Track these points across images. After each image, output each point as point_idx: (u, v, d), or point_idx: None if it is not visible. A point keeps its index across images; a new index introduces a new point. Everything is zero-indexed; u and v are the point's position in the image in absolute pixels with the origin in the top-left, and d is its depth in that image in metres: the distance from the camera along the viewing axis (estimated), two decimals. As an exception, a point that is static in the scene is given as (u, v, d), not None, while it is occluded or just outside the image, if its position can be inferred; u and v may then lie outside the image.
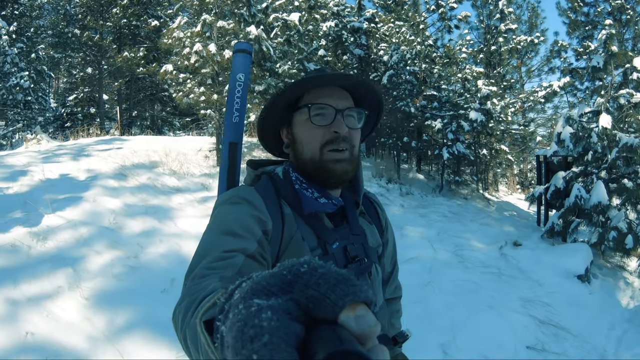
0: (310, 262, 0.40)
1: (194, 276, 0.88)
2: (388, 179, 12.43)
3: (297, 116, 1.21)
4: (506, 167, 19.66)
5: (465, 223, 9.17)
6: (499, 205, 13.72)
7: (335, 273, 0.39)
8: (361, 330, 0.36)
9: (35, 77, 19.98)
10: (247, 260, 0.95)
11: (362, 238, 1.26)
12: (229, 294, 0.44)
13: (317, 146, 1.15)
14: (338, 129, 1.13)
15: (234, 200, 1.13)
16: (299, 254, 1.09)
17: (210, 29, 10.24)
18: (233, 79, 1.52)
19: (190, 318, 0.66)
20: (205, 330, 0.52)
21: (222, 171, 1.47)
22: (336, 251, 1.18)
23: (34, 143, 12.61)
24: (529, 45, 19.76)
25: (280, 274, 0.40)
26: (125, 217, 6.13)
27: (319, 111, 1.15)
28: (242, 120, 1.52)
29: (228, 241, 0.98)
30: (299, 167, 1.21)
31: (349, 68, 16.47)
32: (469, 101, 13.77)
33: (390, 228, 1.49)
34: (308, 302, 0.37)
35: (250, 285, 0.40)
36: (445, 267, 5.86)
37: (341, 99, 1.18)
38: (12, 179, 7.04)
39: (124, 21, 21.10)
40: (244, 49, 1.56)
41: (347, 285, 0.38)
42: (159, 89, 23.35)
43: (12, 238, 5.01)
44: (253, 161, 1.34)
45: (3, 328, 3.63)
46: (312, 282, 0.38)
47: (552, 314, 4.91)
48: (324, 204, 1.17)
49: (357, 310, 0.37)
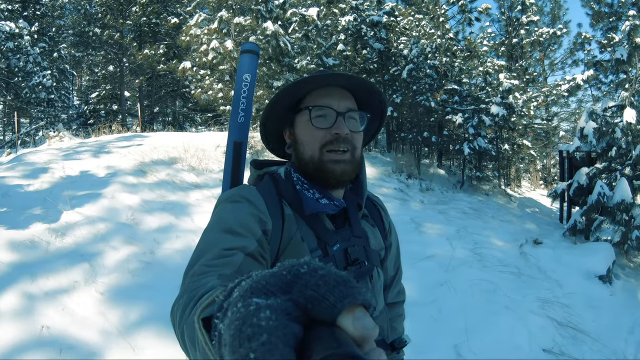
0: (310, 263, 0.40)
1: (192, 273, 0.88)
2: (408, 175, 12.33)
3: (298, 117, 1.21)
4: (529, 163, 19.42)
5: (486, 220, 9.03)
6: (521, 202, 13.52)
7: (335, 275, 0.39)
8: (359, 332, 0.36)
9: (58, 75, 20.31)
10: (246, 259, 0.94)
11: (364, 241, 1.25)
12: (228, 292, 0.44)
13: (317, 147, 1.15)
14: (338, 131, 1.13)
15: (234, 199, 1.13)
16: (298, 255, 1.09)
17: (227, 26, 10.25)
18: (239, 79, 1.52)
19: (189, 315, 0.66)
20: (203, 327, 0.51)
21: (226, 170, 1.48)
22: (336, 253, 1.17)
23: (56, 140, 12.77)
24: (552, 37, 19.40)
25: (280, 274, 0.39)
26: (143, 213, 6.15)
27: (319, 113, 1.15)
28: (247, 120, 1.52)
29: (228, 239, 0.98)
30: (300, 168, 1.21)
31: (369, 62, 16.38)
32: (491, 95, 13.59)
33: (394, 232, 1.47)
34: (307, 303, 0.37)
35: (250, 284, 0.39)
36: (463, 265, 5.72)
37: (343, 100, 1.17)
38: (33, 176, 7.14)
39: (144, 19, 21.38)
40: (250, 49, 1.55)
41: (347, 288, 0.38)
42: (180, 85, 23.58)
43: (31, 234, 5.07)
44: (257, 161, 1.34)
45: (20, 322, 3.67)
46: (312, 283, 0.38)
47: (571, 315, 4.75)
48: (325, 205, 1.17)
49: (355, 313, 0.37)
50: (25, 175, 7.16)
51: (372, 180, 10.76)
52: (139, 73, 23.04)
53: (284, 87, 1.17)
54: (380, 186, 10.36)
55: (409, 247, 6.27)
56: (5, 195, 6.08)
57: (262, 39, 10.51)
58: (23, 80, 18.92)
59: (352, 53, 16.22)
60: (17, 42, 18.14)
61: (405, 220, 7.79)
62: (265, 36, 10.35)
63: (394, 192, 10.16)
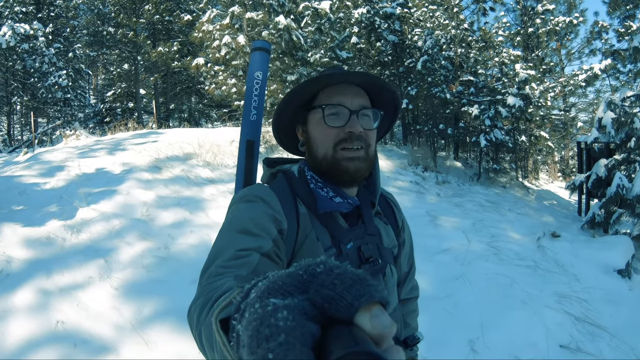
0: (326, 263, 0.40)
1: (209, 274, 0.89)
2: (424, 167, 12.25)
3: (311, 115, 1.20)
4: (546, 155, 19.20)
5: (503, 213, 8.93)
6: (538, 194, 13.37)
7: (351, 273, 0.39)
8: (376, 330, 0.36)
9: (74, 75, 20.53)
10: (262, 259, 0.94)
11: (377, 238, 1.25)
12: (245, 293, 0.43)
13: (330, 145, 1.15)
14: (352, 129, 1.13)
15: (249, 199, 1.13)
16: (314, 254, 1.10)
17: (239, 21, 10.24)
18: (250, 76, 1.52)
19: (206, 317, 0.66)
20: (221, 329, 0.51)
21: (239, 169, 1.48)
22: (350, 251, 1.17)
23: (73, 139, 12.90)
24: (568, 26, 19.11)
25: (296, 273, 0.39)
26: (158, 209, 6.18)
27: (332, 111, 1.14)
28: (259, 118, 1.51)
29: (243, 240, 0.98)
30: (314, 166, 1.21)
31: (383, 55, 16.28)
32: (507, 86, 13.44)
33: (407, 228, 1.47)
34: (324, 302, 0.37)
35: (267, 284, 0.39)
36: (479, 259, 5.63)
37: (356, 98, 1.16)
38: (49, 174, 7.24)
39: (157, 17, 21.52)
40: (262, 46, 1.54)
41: (363, 286, 0.37)
42: (194, 81, 23.74)
43: (47, 231, 5.14)
44: (269, 159, 1.33)
45: (35, 317, 3.73)
46: (328, 282, 0.37)
47: (589, 311, 4.61)
48: (339, 204, 1.16)
49: (372, 311, 0.36)
50: (41, 173, 7.26)
51: (388, 174, 10.70)
52: (153, 70, 23.22)
53: (296, 85, 1.16)
54: (395, 179, 10.30)
55: (424, 240, 6.22)
56: (22, 194, 6.16)
57: (274, 33, 10.49)
58: (39, 81, 19.20)
59: (366, 45, 16.14)
60: (32, 44, 18.38)
61: (421, 213, 7.74)
62: (277, 30, 10.33)
63: (409, 185, 10.09)
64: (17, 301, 3.89)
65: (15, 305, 3.84)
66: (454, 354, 3.73)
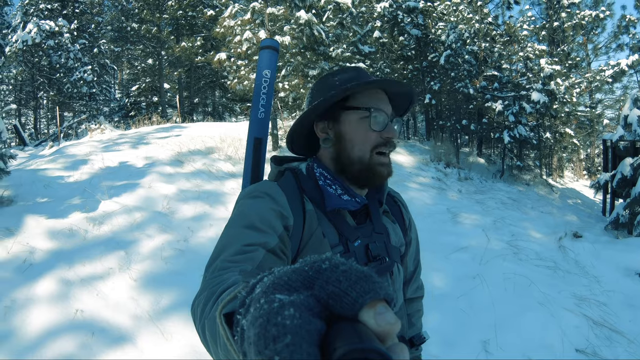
0: (331, 259, 0.40)
1: (214, 268, 0.89)
2: (446, 163, 12.15)
3: (348, 115, 1.19)
4: (572, 152, 18.87)
5: (525, 211, 8.81)
6: (563, 193, 13.15)
7: (356, 270, 0.39)
8: (381, 327, 0.36)
9: (99, 70, 20.87)
10: (267, 255, 0.95)
11: (385, 237, 1.26)
12: (250, 287, 0.43)
13: (368, 148, 1.16)
14: (391, 135, 1.17)
15: (255, 195, 1.13)
16: (320, 251, 1.09)
17: (260, 16, 10.26)
18: (259, 75, 1.51)
19: (210, 310, 0.67)
20: (225, 323, 0.52)
21: (246, 166, 1.47)
22: (357, 249, 1.17)
23: (98, 133, 13.11)
24: (595, 20, 18.69)
25: (302, 269, 0.40)
26: (179, 202, 6.26)
27: (377, 115, 1.16)
28: (267, 116, 1.51)
29: (249, 235, 0.98)
30: (339, 164, 1.20)
31: (407, 49, 16.16)
32: (532, 81, 13.21)
33: (414, 227, 1.48)
34: (329, 299, 0.37)
35: (272, 280, 0.39)
36: (497, 258, 5.56)
37: (389, 105, 1.20)
38: (73, 167, 7.38)
39: (180, 12, 21.68)
40: (270, 45, 1.54)
41: (368, 283, 0.37)
42: (218, 76, 23.89)
43: (70, 223, 5.25)
44: (277, 157, 1.34)
45: (55, 305, 3.84)
46: (333, 278, 0.38)
47: (608, 314, 4.46)
48: (347, 201, 1.17)
49: (377, 308, 0.36)
50: (65, 167, 7.41)
51: (410, 169, 10.64)
52: (177, 65, 23.46)
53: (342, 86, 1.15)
54: (417, 175, 10.23)
55: (443, 237, 6.18)
56: (46, 187, 6.30)
57: (295, 28, 10.48)
58: (65, 76, 19.64)
59: (389, 40, 16.02)
60: (57, 40, 18.77)
61: (441, 210, 7.68)
62: (298, 25, 10.32)
63: (431, 181, 10.01)
64: (38, 290, 4.00)
65: (36, 294, 3.95)
66: (467, 354, 3.70)
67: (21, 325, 3.57)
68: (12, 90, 24.49)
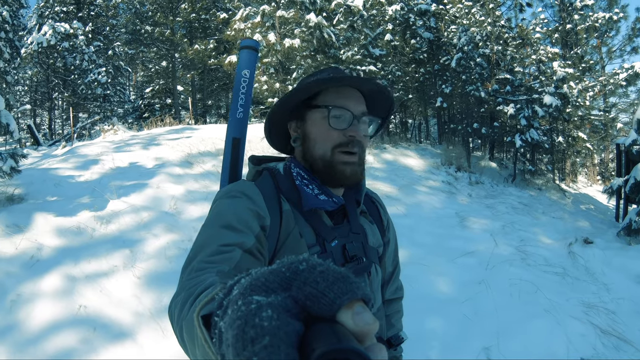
0: (309, 260, 0.40)
1: (191, 269, 0.89)
2: (457, 167, 12.06)
3: (312, 113, 1.19)
4: (585, 157, 18.66)
5: (536, 216, 8.73)
6: (575, 198, 13.01)
7: (333, 271, 0.39)
8: (359, 327, 0.36)
9: (114, 72, 21.12)
10: (244, 255, 0.95)
11: (362, 237, 1.25)
12: (227, 289, 0.44)
13: (329, 146, 1.15)
14: (354, 134, 1.15)
15: (232, 194, 1.13)
16: (297, 251, 1.10)
17: (270, 19, 10.32)
18: (238, 75, 1.52)
19: (188, 312, 0.66)
20: (203, 325, 0.52)
21: (224, 166, 1.48)
22: (334, 249, 1.17)
23: (111, 133, 13.25)
24: (608, 22, 18.44)
25: (279, 270, 0.40)
26: (186, 202, 6.30)
27: (337, 113, 1.15)
28: (246, 116, 1.51)
29: (226, 235, 0.98)
30: (307, 163, 1.21)
31: (419, 52, 16.11)
32: (544, 85, 13.10)
33: (393, 228, 1.48)
34: (306, 300, 0.37)
35: (249, 281, 0.40)
36: (505, 263, 5.50)
37: (359, 104, 1.18)
38: (84, 167, 7.49)
39: (193, 15, 21.92)
40: (250, 45, 1.55)
41: (345, 283, 0.38)
42: (231, 78, 24.01)
43: (78, 221, 5.33)
44: (255, 157, 1.34)
45: (60, 300, 3.91)
46: (311, 279, 0.38)
47: (616, 323, 4.37)
48: (324, 201, 1.17)
49: (354, 308, 0.37)
50: (76, 166, 7.51)
51: (420, 173, 10.60)
52: (190, 68, 23.70)
53: (303, 83, 1.17)
54: (427, 178, 10.19)
55: (450, 242, 6.15)
56: (57, 185, 6.38)
57: (305, 31, 10.52)
58: (79, 78, 19.95)
59: (401, 43, 15.98)
60: (72, 42, 19.03)
61: (450, 214, 7.65)
62: (308, 28, 10.36)
63: (441, 185, 9.96)
64: (44, 286, 4.07)
65: (42, 289, 4.02)
66: (468, 359, 3.67)
67: (25, 319, 3.64)
68: (27, 91, 24.93)
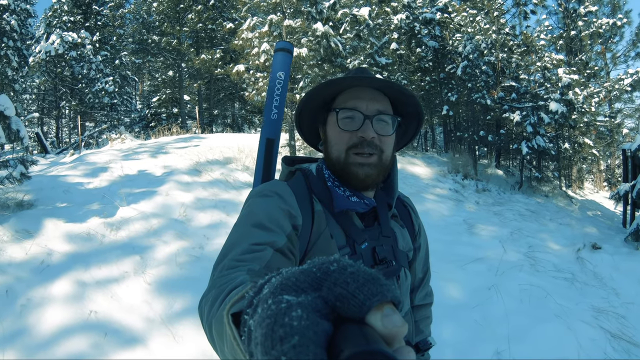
0: (340, 261, 0.40)
1: (222, 267, 0.89)
2: (464, 175, 12.05)
3: (330, 117, 1.21)
4: (592, 163, 18.58)
5: (544, 222, 8.71)
6: (582, 204, 12.94)
7: (364, 272, 0.39)
8: (388, 330, 0.36)
9: (120, 81, 21.25)
10: (275, 254, 0.95)
11: (392, 240, 1.25)
12: (258, 288, 0.44)
13: (343, 148, 1.15)
14: (364, 134, 1.12)
15: (265, 193, 1.13)
16: (327, 252, 1.10)
17: (277, 28, 10.39)
18: (273, 76, 1.54)
19: (217, 309, 0.66)
20: (233, 322, 0.52)
21: (258, 166, 1.49)
22: (364, 251, 1.16)
23: (118, 142, 13.34)
24: (612, 28, 18.42)
25: (309, 271, 0.40)
26: (195, 210, 6.33)
27: (347, 115, 1.15)
28: (280, 117, 1.53)
29: (257, 234, 0.98)
30: (329, 166, 1.21)
31: (424, 61, 16.15)
32: (550, 91, 13.08)
33: (424, 233, 1.46)
34: (336, 301, 0.37)
35: (280, 280, 0.40)
36: (514, 269, 5.51)
37: (373, 103, 1.15)
38: (93, 174, 7.54)
39: (200, 25, 22.05)
40: (284, 47, 1.57)
41: (376, 285, 0.38)
42: (238, 88, 24.12)
43: (88, 227, 5.37)
44: (288, 157, 1.34)
45: (71, 305, 3.93)
46: (341, 280, 0.38)
47: (626, 327, 4.37)
48: (355, 203, 1.16)
49: (384, 310, 0.37)
50: (85, 174, 7.56)
51: (427, 181, 10.62)
52: (197, 77, 23.83)
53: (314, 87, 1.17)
54: (434, 186, 10.20)
55: (459, 248, 6.15)
56: (66, 192, 6.42)
57: (312, 40, 10.58)
58: (87, 87, 20.13)
59: (406, 51, 16.03)
60: (79, 51, 19.20)
61: (458, 221, 7.64)
62: (315, 37, 10.42)
63: (448, 192, 9.97)
64: (54, 291, 4.10)
65: (52, 294, 4.05)
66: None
67: (36, 324, 3.66)
68: (35, 99, 25.09)
